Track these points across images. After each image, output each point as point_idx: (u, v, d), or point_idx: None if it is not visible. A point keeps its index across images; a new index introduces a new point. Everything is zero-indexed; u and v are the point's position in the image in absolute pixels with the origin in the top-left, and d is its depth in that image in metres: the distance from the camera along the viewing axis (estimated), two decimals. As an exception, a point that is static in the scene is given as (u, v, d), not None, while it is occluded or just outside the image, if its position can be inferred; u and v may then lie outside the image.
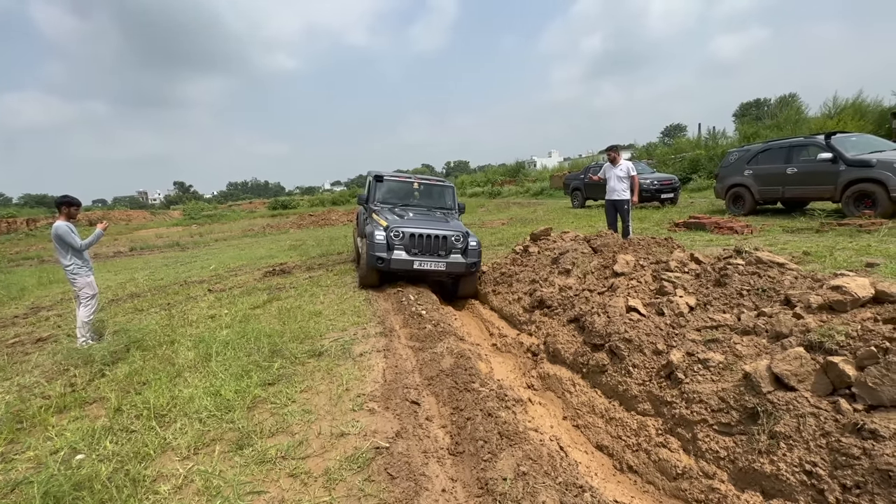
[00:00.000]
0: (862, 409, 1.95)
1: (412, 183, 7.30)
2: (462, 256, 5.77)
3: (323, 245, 11.68)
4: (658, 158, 22.45)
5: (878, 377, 1.94)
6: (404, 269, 5.56)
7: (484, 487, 1.96)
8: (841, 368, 2.09)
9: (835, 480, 1.85)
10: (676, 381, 2.82)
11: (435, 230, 5.74)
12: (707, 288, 3.44)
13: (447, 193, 7.50)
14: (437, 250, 5.68)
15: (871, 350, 2.05)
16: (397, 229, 5.60)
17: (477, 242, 5.91)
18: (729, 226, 7.89)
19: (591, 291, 4.23)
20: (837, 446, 1.90)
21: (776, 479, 2.03)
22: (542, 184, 29.55)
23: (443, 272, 5.72)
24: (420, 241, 5.63)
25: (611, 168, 7.25)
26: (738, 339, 2.80)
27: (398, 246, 5.56)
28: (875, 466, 1.74)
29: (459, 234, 5.83)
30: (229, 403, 2.83)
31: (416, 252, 5.61)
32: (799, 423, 2.09)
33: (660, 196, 12.83)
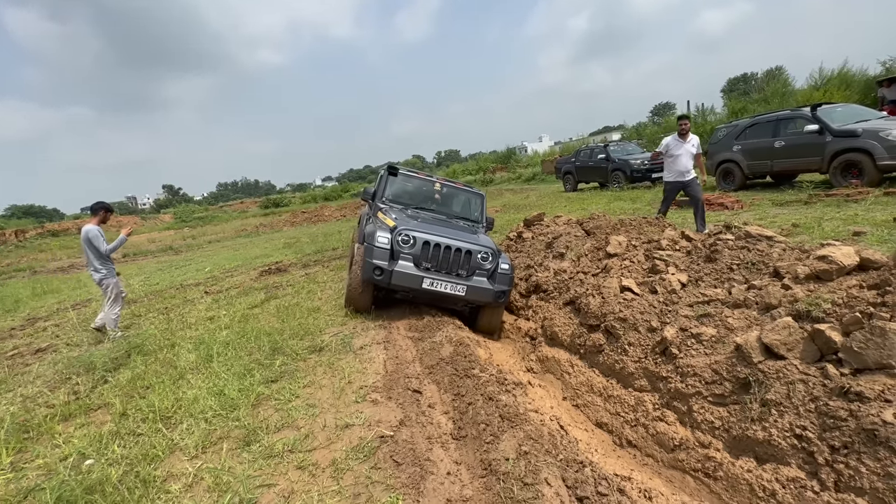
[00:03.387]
0: (848, 373, 2.02)
1: (433, 183, 5.82)
2: (489, 281, 4.39)
3: (317, 242, 11.66)
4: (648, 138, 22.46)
5: (862, 342, 2.01)
6: (409, 287, 4.16)
7: (487, 468, 2.02)
8: (828, 335, 2.15)
9: (824, 442, 1.92)
10: (671, 357, 2.89)
11: (457, 241, 4.34)
12: (698, 264, 3.50)
13: (475, 202, 5.91)
14: (456, 268, 4.30)
15: (856, 316, 2.11)
16: (407, 233, 4.24)
17: (509, 266, 4.54)
18: (720, 202, 7.97)
19: (586, 274, 4.29)
20: (825, 410, 1.97)
21: (768, 444, 2.11)
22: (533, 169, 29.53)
23: (461, 298, 4.32)
24: (436, 252, 4.24)
25: (679, 143, 5.99)
26: (730, 313, 2.86)
27: (405, 255, 4.19)
28: (861, 427, 1.81)
29: (488, 252, 4.46)
30: (234, 402, 2.87)
31: (429, 267, 4.23)
32: (789, 389, 2.16)
33: (650, 176, 12.88)
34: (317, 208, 26.06)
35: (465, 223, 5.48)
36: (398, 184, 5.66)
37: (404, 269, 4.14)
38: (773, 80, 30.65)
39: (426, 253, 4.23)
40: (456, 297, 4.32)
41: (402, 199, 5.53)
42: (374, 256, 4.09)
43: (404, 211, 5.19)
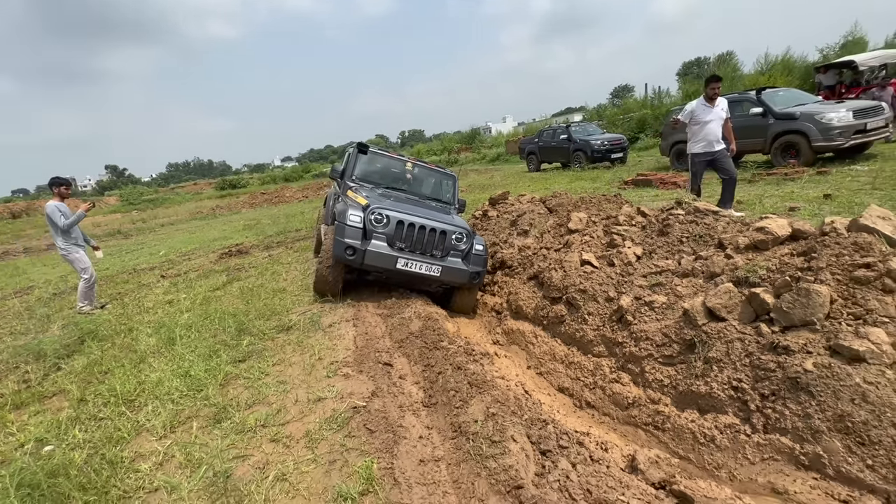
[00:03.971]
0: (778, 331, 2.25)
1: (405, 163, 5.72)
2: (463, 262, 4.39)
3: (279, 223, 11.35)
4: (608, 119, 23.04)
5: (790, 302, 2.24)
6: (383, 267, 4.06)
7: (457, 430, 2.13)
8: (762, 298, 2.38)
9: (756, 392, 2.15)
10: (626, 324, 3.09)
11: (432, 221, 4.31)
12: (652, 238, 3.71)
13: (447, 184, 5.87)
14: (430, 249, 4.27)
15: (785, 280, 2.35)
16: (380, 211, 4.14)
17: (484, 247, 4.55)
18: (673, 181, 8.37)
19: (548, 249, 4.45)
20: (758, 363, 2.20)
21: (710, 396, 2.33)
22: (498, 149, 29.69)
23: (436, 279, 4.26)
24: (410, 232, 4.16)
25: (707, 108, 5.30)
26: (679, 282, 3.09)
27: (379, 234, 4.09)
28: (787, 376, 2.05)
29: (463, 233, 4.45)
30: (201, 382, 2.84)
31: (403, 247, 4.16)
32: (728, 347, 2.38)
33: (610, 156, 13.29)
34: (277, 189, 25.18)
35: (438, 204, 5.40)
36: (368, 162, 5.47)
37: (377, 249, 4.03)
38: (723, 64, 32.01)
39: (400, 233, 4.15)
40: (431, 278, 4.25)
41: (371, 179, 5.35)
42: (346, 235, 3.95)
43: (375, 190, 5.03)
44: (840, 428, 1.80)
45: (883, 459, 1.66)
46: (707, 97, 5.33)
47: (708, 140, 5.33)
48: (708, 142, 5.34)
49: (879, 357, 1.89)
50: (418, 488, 1.79)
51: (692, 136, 5.49)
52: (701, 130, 5.34)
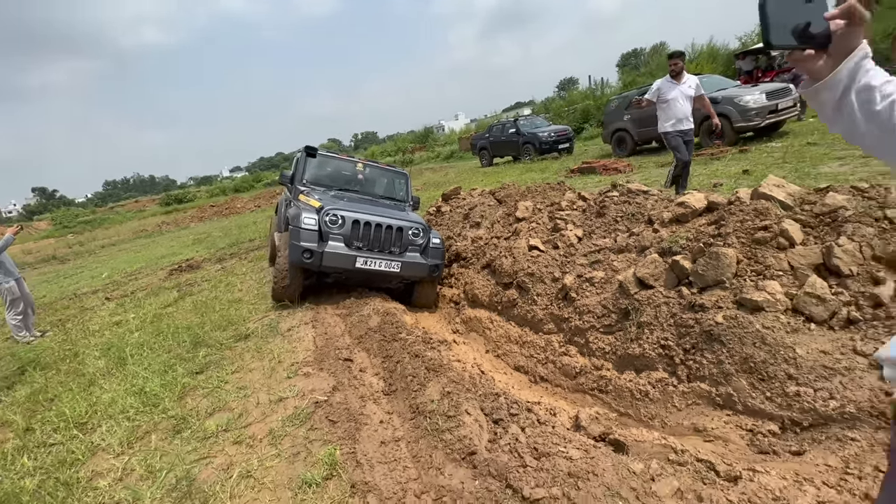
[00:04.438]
0: (696, 292, 2.53)
1: (355, 164, 5.74)
2: (422, 256, 4.47)
3: (231, 235, 11.02)
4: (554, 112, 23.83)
5: (704, 266, 2.52)
6: (342, 267, 4.07)
7: (416, 411, 2.25)
8: (682, 264, 2.65)
9: (679, 347, 2.41)
10: (571, 301, 3.32)
11: (388, 219, 4.36)
12: (591, 220, 3.98)
13: (399, 182, 5.91)
14: (388, 245, 4.31)
15: (700, 246, 2.63)
16: (335, 212, 4.13)
17: (440, 240, 4.67)
18: (614, 167, 8.86)
19: (499, 238, 4.65)
20: (680, 321, 2.46)
21: (643, 357, 2.58)
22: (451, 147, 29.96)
23: (396, 275, 4.34)
24: (366, 231, 4.18)
25: (672, 85, 5.26)
26: (615, 257, 3.35)
27: (335, 235, 4.07)
28: (703, 329, 2.31)
29: (419, 228, 4.53)
30: (157, 397, 2.80)
31: (361, 246, 4.16)
32: (656, 311, 2.64)
33: (557, 147, 13.81)
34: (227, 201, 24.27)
35: (392, 202, 5.44)
36: (317, 165, 5.43)
37: (335, 250, 4.02)
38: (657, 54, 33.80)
39: (356, 232, 4.15)
40: (391, 275, 4.32)
41: (322, 182, 5.30)
42: (302, 239, 3.92)
43: (327, 193, 5.00)
44: (745, 369, 2.07)
45: (778, 391, 1.93)
46: (671, 74, 5.30)
47: (677, 118, 5.30)
48: (677, 119, 5.30)
49: (775, 305, 2.18)
50: (380, 467, 1.89)
51: (660, 114, 5.44)
52: (668, 108, 5.31)
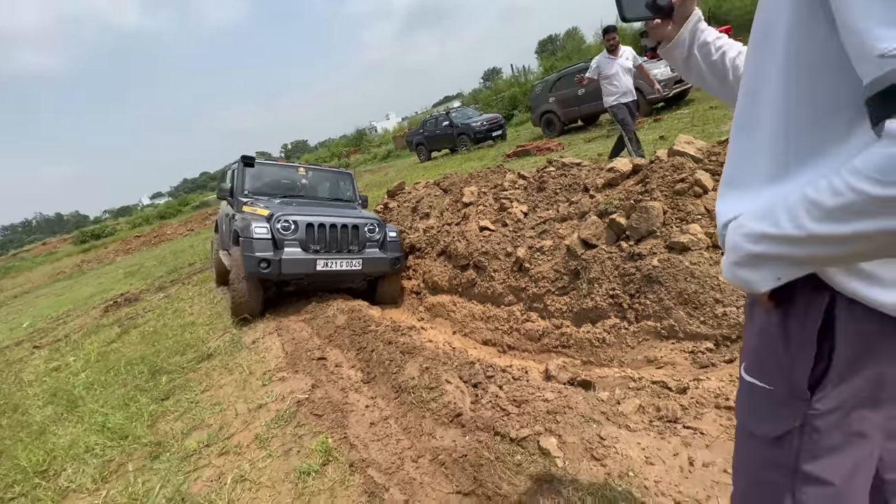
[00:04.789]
0: (633, 243, 2.82)
1: (296, 169, 5.61)
2: (381, 251, 4.52)
3: (167, 262, 10.35)
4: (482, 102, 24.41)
5: (637, 219, 2.82)
6: (303, 272, 4.00)
7: (399, 390, 2.35)
8: (618, 221, 2.94)
9: (625, 294, 2.69)
10: (525, 271, 3.55)
11: (342, 218, 4.35)
12: (533, 195, 4.24)
13: (345, 182, 5.87)
14: (346, 245, 4.29)
15: (631, 203, 2.93)
16: (286, 218, 4.05)
17: (396, 233, 4.72)
18: (546, 147, 9.33)
19: (450, 225, 4.81)
20: (623, 271, 2.74)
21: (596, 309, 2.84)
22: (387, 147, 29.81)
23: (358, 273, 4.32)
24: (322, 232, 4.15)
25: (610, 60, 5.36)
26: (560, 226, 3.61)
27: (290, 241, 4.00)
28: (643, 274, 2.60)
29: (374, 223, 4.57)
30: (123, 430, 2.68)
31: (318, 249, 4.12)
32: (602, 266, 2.91)
33: (491, 135, 14.22)
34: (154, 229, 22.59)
35: (340, 203, 5.41)
36: (257, 175, 5.22)
37: (293, 256, 3.94)
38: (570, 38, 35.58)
39: (312, 235, 4.10)
40: (354, 273, 4.30)
41: (264, 191, 5.14)
42: (256, 249, 3.80)
43: (272, 201, 4.84)
44: (681, 301, 2.37)
45: (709, 314, 2.24)
46: (608, 50, 5.38)
47: (621, 91, 5.37)
48: (621, 93, 5.38)
49: (698, 244, 2.50)
50: (374, 444, 1.98)
51: (604, 90, 5.50)
52: (611, 83, 5.37)
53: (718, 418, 1.58)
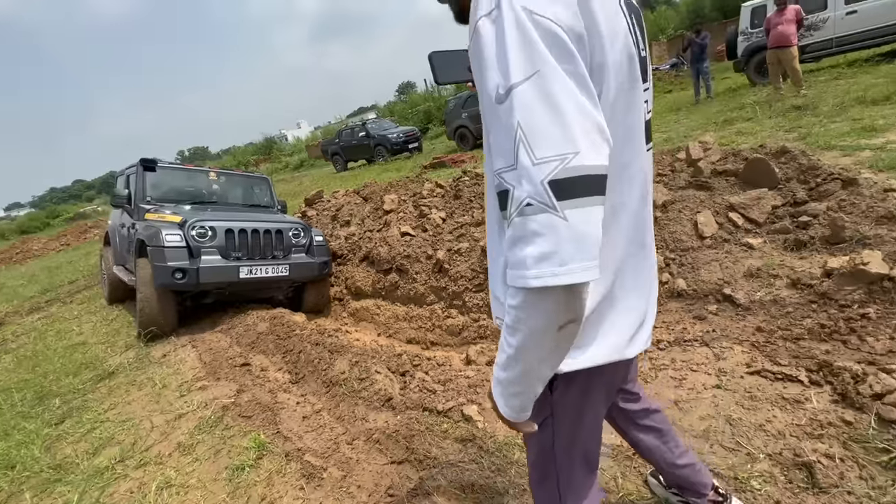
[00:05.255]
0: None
1: (207, 174, 5.13)
2: (307, 255, 4.35)
3: (39, 281, 8.97)
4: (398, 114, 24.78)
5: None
6: (225, 281, 3.72)
7: (330, 384, 2.44)
8: (524, 224, 3.34)
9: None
10: (445, 272, 3.82)
11: (263, 223, 4.10)
12: (450, 203, 4.56)
13: (261, 188, 5.53)
14: (271, 250, 4.07)
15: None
16: (203, 224, 3.76)
17: (323, 237, 4.57)
18: (461, 159, 9.86)
19: (371, 231, 4.95)
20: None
21: (508, 301, 3.19)
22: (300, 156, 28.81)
23: (285, 279, 4.10)
24: (243, 238, 3.89)
25: None
26: (475, 230, 3.96)
27: (208, 248, 3.70)
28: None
29: (298, 227, 4.38)
30: (11, 459, 2.40)
31: (240, 256, 3.85)
32: (512, 264, 3.28)
33: (407, 147, 14.56)
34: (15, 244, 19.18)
35: (258, 209, 5.11)
36: (160, 180, 4.71)
37: (212, 264, 3.65)
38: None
39: (232, 241, 3.83)
40: (280, 280, 4.07)
41: (170, 197, 4.65)
42: (169, 258, 3.50)
43: (180, 208, 4.41)
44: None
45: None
46: None
47: None
48: None
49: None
50: (308, 434, 2.07)
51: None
52: None
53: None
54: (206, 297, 4.07)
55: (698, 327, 2.07)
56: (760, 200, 2.66)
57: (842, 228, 2.21)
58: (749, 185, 2.84)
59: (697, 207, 2.82)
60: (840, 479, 1.19)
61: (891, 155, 3.24)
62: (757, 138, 4.89)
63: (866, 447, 1.26)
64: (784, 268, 2.18)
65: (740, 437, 1.40)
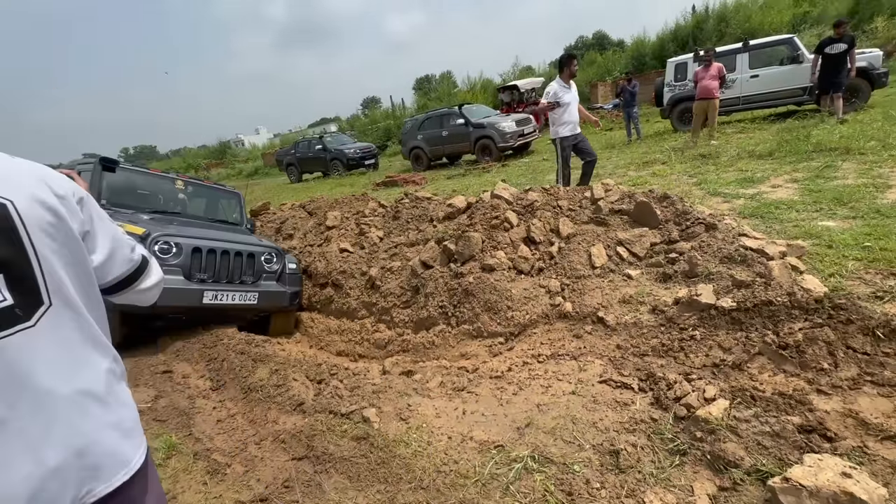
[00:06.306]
0: (459, 265, 3.54)
1: (173, 181, 4.73)
2: (278, 283, 4.07)
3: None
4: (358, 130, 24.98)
5: (462, 246, 3.55)
6: (185, 306, 3.39)
7: (247, 390, 2.58)
8: (449, 247, 3.65)
9: (450, 304, 3.36)
10: (377, 288, 4.05)
11: (234, 244, 3.79)
12: (389, 223, 4.81)
13: (231, 203, 5.12)
14: (239, 275, 3.75)
15: (459, 233, 3.68)
16: (168, 239, 3.41)
17: (296, 265, 4.32)
18: (413, 180, 10.18)
19: (312, 245, 5.10)
20: (450, 287, 3.43)
21: (429, 318, 3.46)
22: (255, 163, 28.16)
23: (252, 308, 3.81)
24: (211, 259, 3.57)
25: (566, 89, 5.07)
26: (408, 250, 4.23)
27: (170, 267, 3.33)
28: (463, 289, 3.31)
29: (272, 252, 4.10)
30: None
31: (205, 278, 3.52)
32: (436, 283, 3.56)
33: (363, 163, 14.76)
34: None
35: (226, 226, 4.69)
36: (120, 183, 4.25)
37: (173, 285, 3.25)
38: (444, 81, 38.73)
39: (198, 262, 3.50)
40: (246, 308, 3.76)
41: (129, 203, 4.18)
42: None
43: (138, 216, 3.95)
44: (486, 309, 3.12)
45: (502, 318, 3.01)
46: (569, 76, 5.10)
47: (574, 122, 5.08)
48: (574, 123, 5.08)
49: (502, 266, 3.31)
50: (219, 436, 2.20)
51: (556, 119, 5.09)
52: (564, 112, 5.01)
53: (490, 385, 2.25)
54: (156, 320, 3.64)
55: (574, 344, 2.43)
56: (643, 237, 3.12)
57: (696, 265, 2.67)
58: (637, 224, 3.31)
59: (594, 241, 3.24)
60: (637, 461, 1.53)
61: (755, 204, 3.86)
62: (666, 180, 5.55)
63: (662, 438, 1.61)
64: (650, 296, 2.60)
65: (577, 432, 1.72)
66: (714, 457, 1.47)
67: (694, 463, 1.50)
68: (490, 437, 1.81)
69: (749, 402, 1.64)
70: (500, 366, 2.51)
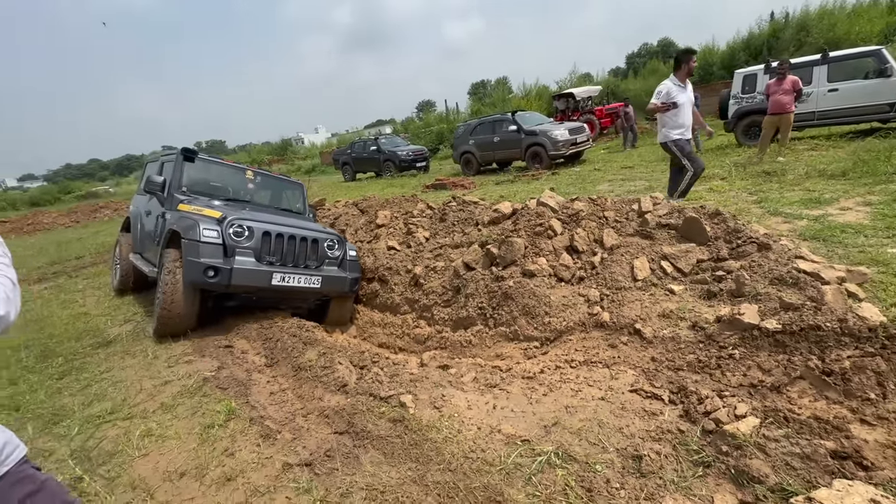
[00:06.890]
0: (501, 269, 3.64)
1: (244, 171, 5.10)
2: (339, 269, 4.22)
3: (48, 253, 9.43)
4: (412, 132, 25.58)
5: (504, 251, 3.65)
6: (256, 286, 3.54)
7: (297, 369, 2.83)
8: (492, 251, 3.76)
9: (490, 306, 3.47)
10: (420, 286, 4.22)
11: (301, 230, 3.97)
12: (436, 224, 4.99)
13: (295, 193, 5.50)
14: (304, 259, 3.93)
15: (503, 238, 3.78)
16: (241, 223, 3.62)
17: (356, 252, 4.44)
18: (461, 184, 10.36)
19: (362, 242, 5.38)
20: (490, 289, 3.53)
21: (468, 318, 3.58)
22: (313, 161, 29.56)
23: (315, 292, 3.94)
24: (279, 243, 3.76)
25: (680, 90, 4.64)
26: (452, 251, 4.38)
27: (244, 249, 3.55)
28: (503, 292, 3.40)
29: (334, 239, 4.24)
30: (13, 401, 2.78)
31: (273, 261, 3.71)
32: (476, 285, 3.68)
33: (415, 165, 15.15)
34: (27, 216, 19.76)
35: (291, 214, 5.04)
36: (198, 171, 4.65)
37: (246, 266, 3.46)
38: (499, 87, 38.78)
39: (268, 245, 3.69)
40: (310, 291, 3.90)
41: (204, 190, 4.60)
42: (203, 254, 3.33)
43: (212, 202, 4.28)
44: (524, 313, 3.19)
45: (539, 323, 3.07)
46: (685, 74, 4.67)
47: (686, 125, 4.70)
48: (686, 127, 4.71)
49: (542, 272, 3.37)
50: (271, 406, 2.44)
51: (668, 121, 4.71)
52: (676, 115, 4.63)
53: (522, 384, 2.34)
54: (230, 299, 3.92)
55: (608, 353, 2.46)
56: (689, 253, 3.08)
57: (743, 284, 2.61)
58: (685, 239, 3.26)
59: (637, 253, 3.23)
60: (659, 468, 1.56)
61: (818, 226, 3.66)
62: (723, 196, 5.34)
63: (687, 449, 1.63)
64: (692, 312, 2.57)
65: (602, 435, 1.77)
66: (738, 471, 1.48)
67: (717, 475, 1.51)
68: (517, 432, 1.90)
69: (781, 423, 1.62)
70: (532, 367, 2.59)
